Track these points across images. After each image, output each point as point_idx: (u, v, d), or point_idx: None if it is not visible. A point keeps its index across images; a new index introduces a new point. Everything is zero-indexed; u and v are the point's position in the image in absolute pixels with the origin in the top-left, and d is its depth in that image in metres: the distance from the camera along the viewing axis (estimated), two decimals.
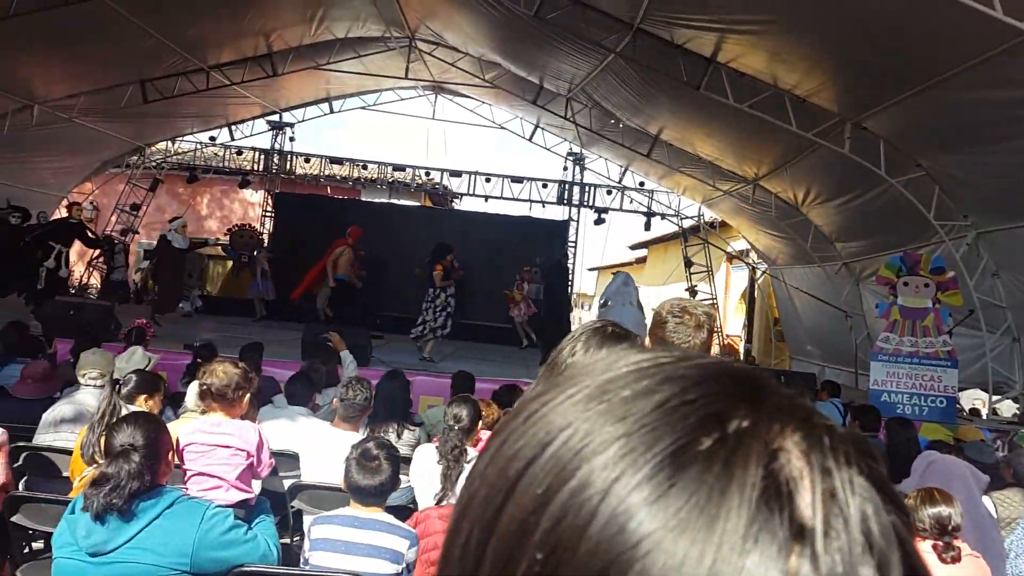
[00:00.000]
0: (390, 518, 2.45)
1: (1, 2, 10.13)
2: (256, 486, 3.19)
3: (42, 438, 3.90)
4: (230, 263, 17.62)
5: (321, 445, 3.72)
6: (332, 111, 19.27)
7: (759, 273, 17.77)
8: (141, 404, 3.49)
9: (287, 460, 4.19)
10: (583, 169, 18.67)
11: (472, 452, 3.39)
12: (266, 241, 18.76)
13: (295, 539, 3.78)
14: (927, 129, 8.60)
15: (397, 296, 16.68)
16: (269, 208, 19.87)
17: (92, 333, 6.34)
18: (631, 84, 11.73)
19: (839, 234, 12.44)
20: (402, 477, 4.39)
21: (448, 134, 41.62)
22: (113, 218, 20.16)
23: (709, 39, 9.31)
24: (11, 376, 5.21)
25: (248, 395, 3.18)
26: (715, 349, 18.27)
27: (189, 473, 2.86)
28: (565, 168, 18.84)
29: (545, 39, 11.47)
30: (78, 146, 16.32)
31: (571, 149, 18.50)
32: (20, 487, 3.83)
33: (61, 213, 19.82)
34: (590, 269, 32.55)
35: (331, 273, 14.41)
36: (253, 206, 22.38)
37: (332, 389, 5.28)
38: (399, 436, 4.48)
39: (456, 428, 3.39)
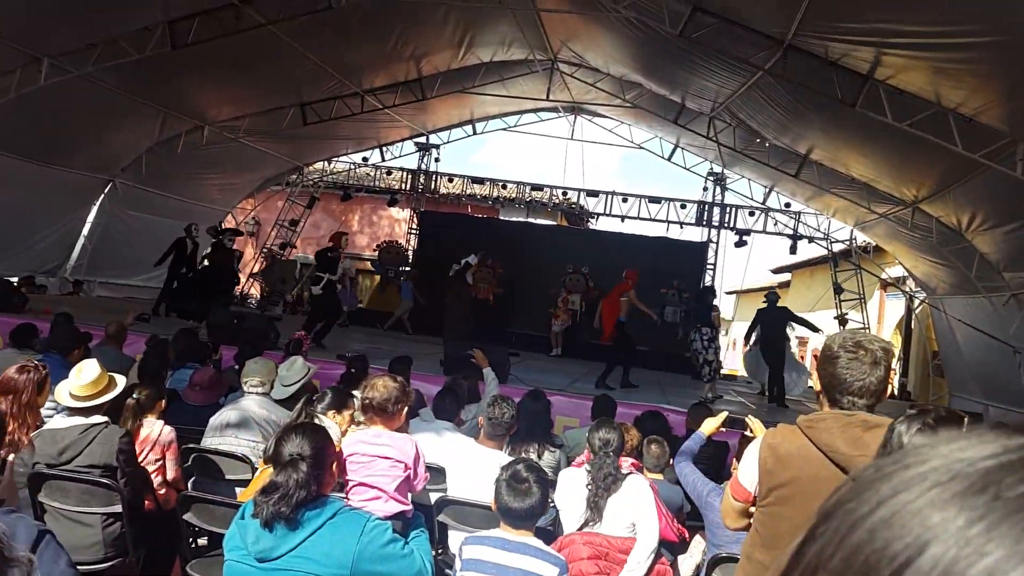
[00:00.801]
0: (540, 543, 2.46)
1: (182, 30, 11.14)
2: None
3: (208, 441, 4.20)
4: (378, 278, 18.36)
5: (467, 461, 3.80)
6: (475, 132, 19.79)
7: (916, 303, 16.66)
8: (332, 418, 3.71)
9: (433, 473, 4.29)
10: (724, 189, 18.20)
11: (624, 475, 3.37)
12: (410, 257, 19.45)
13: (438, 552, 3.87)
14: None
15: (530, 315, 16.81)
16: (414, 226, 20.58)
17: (254, 343, 6.76)
18: (779, 102, 11.36)
19: (1008, 263, 11.48)
20: None
21: (586, 154, 41.74)
22: (273, 233, 21.52)
23: (866, 54, 8.88)
24: (181, 379, 5.64)
25: (406, 408, 3.30)
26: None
27: (351, 483, 2.99)
28: (705, 188, 18.45)
29: (689, 58, 11.33)
30: (242, 164, 17.58)
31: (712, 169, 18.10)
32: (188, 486, 4.13)
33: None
34: (728, 292, 31.69)
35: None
36: (400, 223, 23.28)
37: (474, 405, 5.39)
38: (539, 456, 4.51)
39: (609, 452, 3.38)
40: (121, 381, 3.57)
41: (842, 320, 17.10)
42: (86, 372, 3.41)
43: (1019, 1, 6.63)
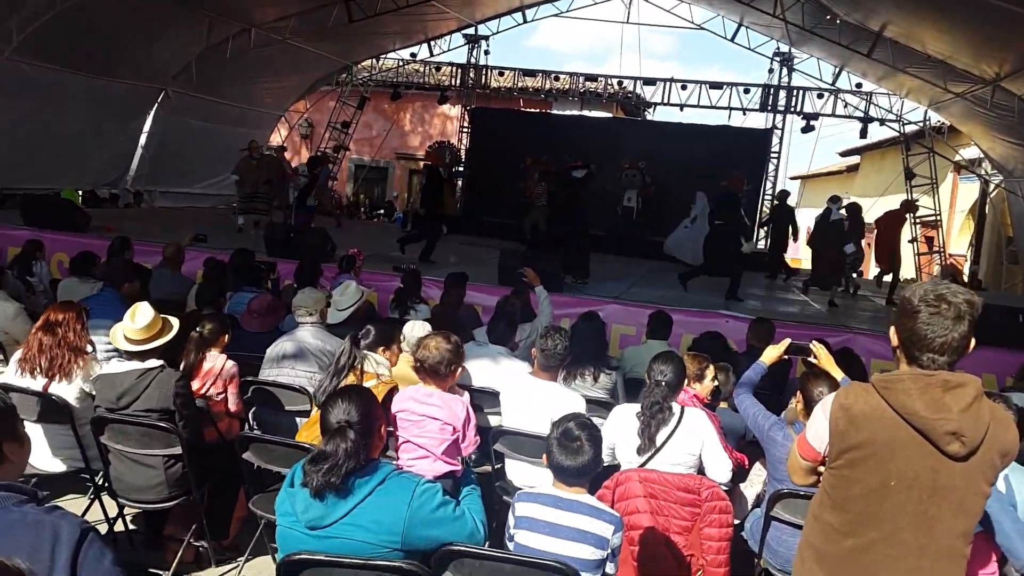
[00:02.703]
0: (594, 500, 2.43)
1: None
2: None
3: (266, 373, 4.26)
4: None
5: (522, 393, 3.77)
6: (525, 20, 19.01)
7: (992, 186, 15.79)
8: (380, 354, 3.71)
9: (489, 397, 4.32)
10: (791, 71, 17.18)
11: (676, 409, 3.30)
12: (463, 156, 19.19)
13: (497, 482, 3.91)
14: None
15: (589, 211, 16.47)
16: (466, 124, 20.21)
17: (311, 256, 6.78)
18: None
19: None
20: (598, 420, 4.40)
21: (643, 37, 39.97)
22: (327, 135, 21.43)
23: None
24: (240, 303, 5.71)
25: (459, 369, 3.25)
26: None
27: (400, 439, 2.99)
28: (771, 70, 17.45)
29: None
30: (292, 66, 17.34)
31: (778, 49, 17.06)
32: (249, 417, 4.21)
33: (280, 133, 21.46)
34: (792, 178, 30.64)
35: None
36: (452, 120, 22.89)
37: (528, 324, 5.34)
38: (595, 379, 4.47)
39: (662, 384, 3.31)
40: (175, 324, 3.60)
41: (912, 207, 16.34)
42: (140, 316, 3.44)
43: None
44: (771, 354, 3.42)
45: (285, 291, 6.50)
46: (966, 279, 16.87)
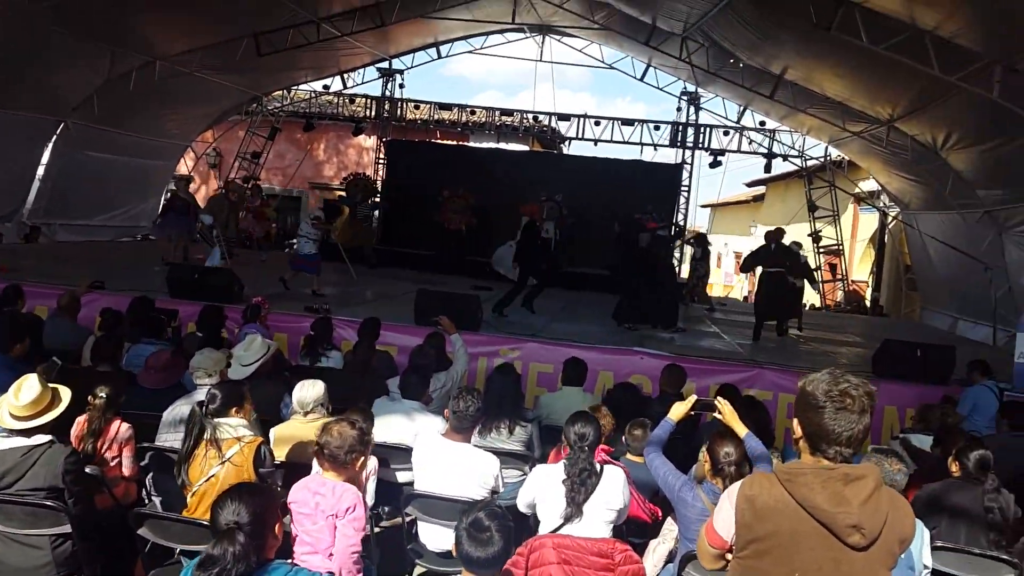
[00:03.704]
0: None
1: None
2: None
3: (164, 438, 4.05)
4: (347, 211, 17.93)
5: (435, 455, 3.68)
6: (440, 56, 19.12)
7: (890, 217, 16.64)
8: (232, 415, 3.53)
9: (401, 453, 4.22)
10: (698, 109, 17.80)
11: (597, 467, 3.29)
12: (379, 188, 19.03)
13: (408, 543, 3.81)
14: None
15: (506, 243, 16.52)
16: (382, 156, 20.08)
17: (214, 306, 6.52)
18: (753, 23, 10.97)
19: (982, 180, 11.42)
20: (514, 472, 4.35)
21: (557, 74, 40.66)
22: (236, 165, 20.93)
23: None
24: (139, 356, 5.43)
25: (363, 459, 3.12)
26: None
27: (294, 531, 2.86)
28: (679, 109, 18.03)
29: None
30: (199, 97, 16.93)
31: (685, 88, 17.66)
32: (148, 483, 4.00)
33: (187, 163, 20.85)
34: (703, 206, 31.60)
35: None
36: (368, 151, 22.69)
37: (443, 373, 5.26)
38: (511, 432, 4.42)
39: (586, 448, 3.29)
40: (66, 396, 3.36)
41: (816, 237, 17.07)
42: (25, 392, 3.18)
43: None
44: (678, 411, 3.45)
45: (188, 339, 6.24)
46: (868, 305, 17.67)
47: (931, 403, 5.26)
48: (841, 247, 17.58)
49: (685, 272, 15.59)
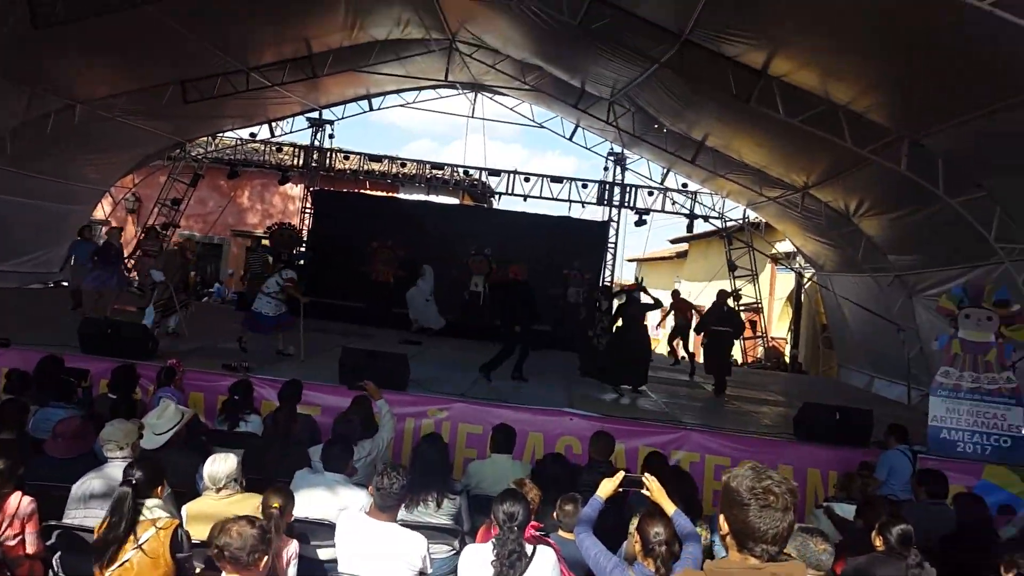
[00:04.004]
0: None
1: (46, 9, 10.16)
2: None
3: (73, 514, 3.81)
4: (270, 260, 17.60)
5: (359, 535, 3.55)
6: (372, 108, 19.15)
7: (806, 278, 17.27)
8: (156, 495, 3.38)
9: (323, 529, 4.07)
10: (624, 169, 18.28)
11: (528, 548, 3.23)
12: (305, 238, 18.78)
13: None
14: (990, 150, 8.16)
15: (436, 297, 16.43)
16: (308, 205, 19.85)
17: (127, 365, 6.23)
18: (677, 92, 11.39)
19: (892, 246, 11.98)
20: (443, 547, 4.24)
21: (487, 139, 41.28)
22: (155, 211, 20.35)
23: (758, 57, 8.97)
24: (46, 421, 5.14)
25: (266, 559, 2.97)
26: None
27: None
28: (606, 168, 18.48)
29: (588, 46, 11.16)
30: (120, 142, 16.41)
31: (612, 149, 18.13)
32: (55, 564, 3.75)
33: (104, 208, 20.18)
34: (629, 260, 32.23)
35: None
36: (294, 200, 22.42)
37: (368, 441, 5.13)
38: (439, 506, 4.32)
39: (515, 528, 3.24)
40: None
41: (736, 295, 17.53)
42: None
43: (900, 19, 6.76)
44: (606, 488, 3.44)
45: (99, 401, 5.95)
46: (788, 361, 18.16)
47: (852, 472, 5.41)
48: (760, 305, 18.11)
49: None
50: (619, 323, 10.54)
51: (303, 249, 18.13)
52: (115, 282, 12.04)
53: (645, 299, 10.43)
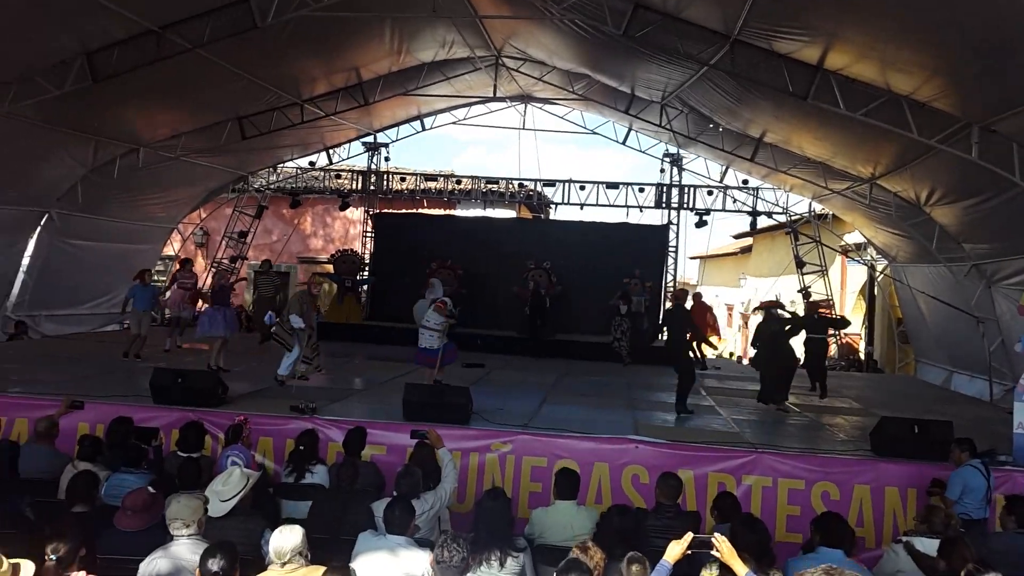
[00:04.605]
0: None
1: (101, 62, 10.55)
2: None
3: None
4: (335, 287, 17.86)
5: None
6: (424, 128, 19.29)
7: (878, 270, 16.62)
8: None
9: None
10: (681, 170, 17.93)
11: None
12: (368, 262, 19.00)
13: None
14: None
15: (496, 315, 16.40)
16: (368, 228, 20.08)
17: (194, 424, 6.34)
18: (730, 91, 11.09)
19: (967, 235, 11.43)
20: None
21: (540, 141, 41.20)
22: (223, 244, 20.90)
23: (814, 48, 8.64)
24: (119, 488, 5.23)
25: None
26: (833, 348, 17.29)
27: None
28: (662, 170, 18.16)
29: (634, 53, 10.97)
30: (184, 180, 16.94)
31: (667, 150, 17.80)
32: None
33: (173, 245, 20.81)
34: (692, 257, 31.70)
35: None
36: (355, 223, 22.73)
37: (431, 493, 5.09)
38: (502, 565, 4.22)
39: None
40: (28, 570, 3.19)
41: (806, 293, 17.03)
42: None
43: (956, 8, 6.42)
44: (674, 552, 3.30)
45: (169, 460, 6.06)
46: (863, 358, 17.52)
47: (934, 505, 5.10)
48: (832, 301, 17.51)
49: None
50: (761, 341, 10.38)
51: (366, 274, 18.35)
52: (229, 327, 11.19)
53: (783, 313, 10.77)
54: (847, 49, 8.41)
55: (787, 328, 10.41)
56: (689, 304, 13.24)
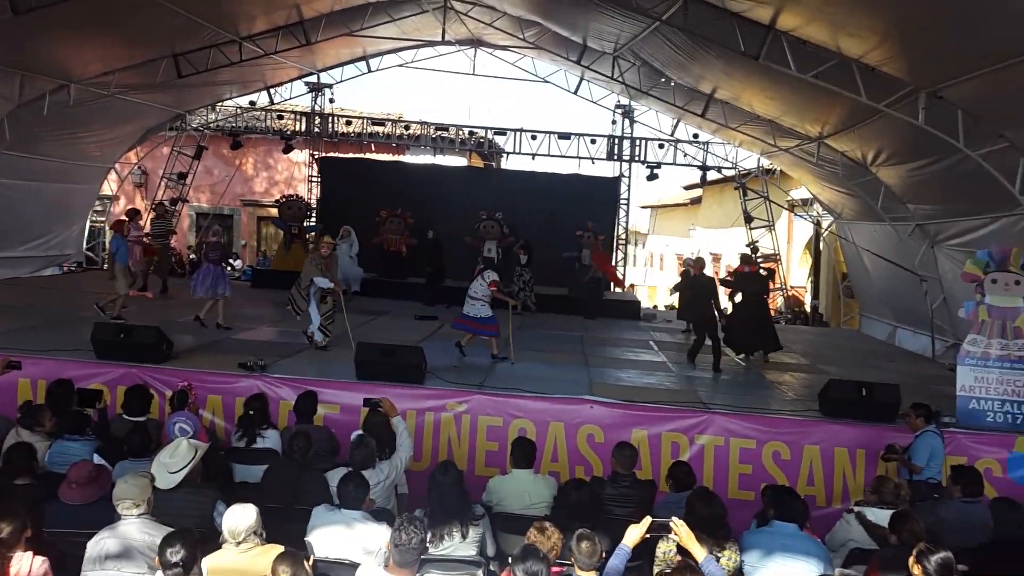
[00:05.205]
0: None
1: None
2: None
3: (88, 575, 3.74)
4: (281, 234, 17.44)
5: None
6: (370, 70, 18.73)
7: (823, 227, 16.91)
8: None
9: (345, 569, 4.00)
10: (633, 122, 17.85)
11: None
12: (314, 207, 18.57)
13: None
14: (1015, 101, 7.80)
15: (449, 264, 16.19)
16: (314, 172, 19.58)
17: (139, 388, 6.15)
18: (682, 47, 10.98)
19: (912, 196, 11.64)
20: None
21: (491, 88, 40.51)
22: (162, 184, 20.18)
23: (767, 8, 8.58)
24: (62, 455, 5.07)
25: None
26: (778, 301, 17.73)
27: None
28: (614, 122, 18.03)
29: (586, 3, 10.74)
30: (119, 118, 16.22)
31: (619, 101, 17.66)
32: None
33: (110, 186, 20.02)
34: (643, 207, 31.84)
35: None
36: (299, 166, 22.14)
37: (386, 463, 5.04)
38: (464, 536, 4.24)
39: None
40: None
41: (753, 248, 17.28)
42: None
43: None
44: (632, 536, 3.32)
45: (115, 423, 5.89)
46: (808, 312, 17.94)
47: (884, 476, 5.25)
48: (778, 255, 17.81)
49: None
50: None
51: (313, 221, 17.94)
52: (227, 287, 10.66)
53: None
54: (799, 11, 8.40)
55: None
56: None
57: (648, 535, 3.37)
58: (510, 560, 3.34)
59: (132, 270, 11.23)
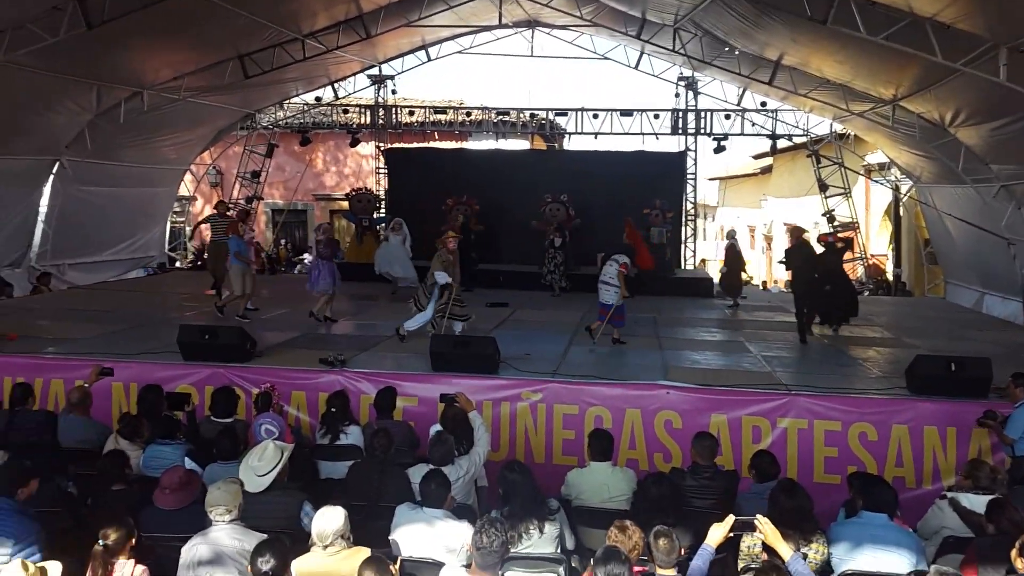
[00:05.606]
0: None
1: (95, 7, 10.27)
2: None
3: None
4: (353, 228, 17.72)
5: None
6: (429, 58, 18.83)
7: (903, 192, 16.25)
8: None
9: (429, 568, 4.07)
10: (697, 94, 17.44)
11: None
12: (383, 199, 18.82)
13: None
14: None
15: (516, 248, 16.21)
16: (381, 165, 19.83)
17: (226, 390, 6.37)
18: (746, 15, 10.67)
19: (995, 156, 11.11)
20: None
21: (550, 68, 40.19)
22: (236, 184, 20.77)
23: None
24: (155, 459, 5.30)
25: None
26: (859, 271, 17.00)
27: None
28: (677, 95, 17.66)
29: None
30: (191, 121, 16.80)
31: (681, 73, 17.27)
32: None
33: (187, 187, 20.70)
34: (711, 179, 31.15)
35: None
36: (367, 158, 22.45)
37: (464, 459, 5.10)
38: (541, 532, 4.25)
39: None
40: (54, 571, 3.21)
41: (830, 217, 16.74)
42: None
43: None
44: (716, 536, 3.28)
45: (204, 425, 6.12)
46: (891, 280, 17.30)
47: (979, 460, 5.05)
48: (857, 223, 17.20)
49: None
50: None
51: (383, 212, 18.18)
52: (336, 282, 10.85)
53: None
54: None
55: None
56: None
57: (732, 534, 3.33)
58: (592, 562, 3.34)
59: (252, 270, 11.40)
